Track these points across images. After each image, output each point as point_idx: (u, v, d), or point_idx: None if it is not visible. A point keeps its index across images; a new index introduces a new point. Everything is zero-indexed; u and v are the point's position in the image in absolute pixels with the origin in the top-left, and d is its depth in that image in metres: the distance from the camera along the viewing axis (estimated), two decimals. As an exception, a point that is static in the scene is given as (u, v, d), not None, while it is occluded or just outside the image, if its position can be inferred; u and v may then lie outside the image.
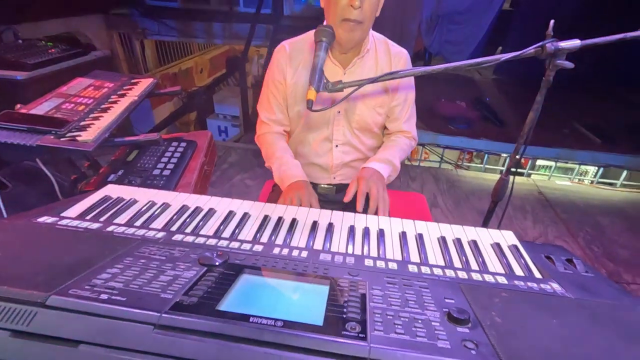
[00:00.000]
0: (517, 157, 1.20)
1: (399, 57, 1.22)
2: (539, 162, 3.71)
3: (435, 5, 4.33)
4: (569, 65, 0.98)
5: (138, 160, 1.46)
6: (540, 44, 0.97)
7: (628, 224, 2.92)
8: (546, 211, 2.98)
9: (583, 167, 3.63)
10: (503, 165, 3.85)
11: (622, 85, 4.83)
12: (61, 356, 0.42)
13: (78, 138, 1.11)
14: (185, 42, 7.50)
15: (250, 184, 3.08)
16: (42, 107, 1.23)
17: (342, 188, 1.38)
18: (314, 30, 1.17)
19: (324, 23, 1.14)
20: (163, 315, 0.45)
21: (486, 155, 3.44)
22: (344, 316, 0.48)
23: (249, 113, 5.35)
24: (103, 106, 1.37)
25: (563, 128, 3.61)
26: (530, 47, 0.98)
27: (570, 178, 3.54)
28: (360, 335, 0.44)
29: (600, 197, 3.32)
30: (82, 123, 1.22)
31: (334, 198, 1.40)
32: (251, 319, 0.45)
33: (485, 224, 1.37)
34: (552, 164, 3.52)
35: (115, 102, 1.40)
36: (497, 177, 3.59)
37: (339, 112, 1.23)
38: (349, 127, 1.26)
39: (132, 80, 1.66)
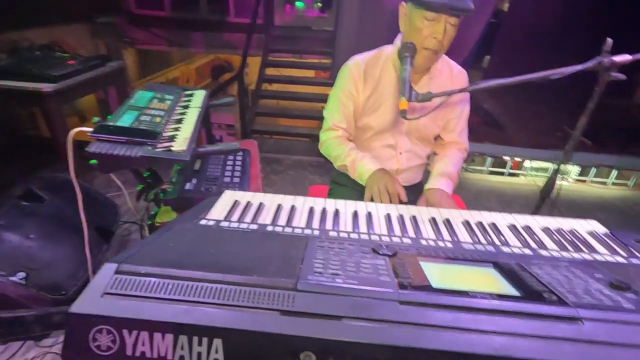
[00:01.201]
0: (567, 160, 1.37)
1: (461, 75, 1.35)
2: (534, 164, 3.94)
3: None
4: (622, 77, 1.14)
5: (205, 168, 1.53)
6: (598, 59, 1.12)
7: (622, 218, 3.17)
8: (550, 208, 3.19)
9: (567, 167, 3.89)
10: (492, 166, 4.01)
11: (609, 92, 5.21)
12: (330, 327, 0.49)
13: (172, 149, 1.17)
14: (167, 52, 7.45)
15: (269, 192, 3.14)
16: (124, 120, 1.28)
17: None
18: (384, 47, 1.29)
19: (397, 41, 1.25)
20: (400, 291, 0.54)
21: (489, 158, 3.66)
22: (532, 289, 0.58)
23: (246, 119, 5.40)
24: (174, 117, 1.42)
25: (556, 132, 3.88)
26: (589, 62, 1.12)
27: (566, 177, 3.79)
28: (560, 300, 0.54)
29: (594, 195, 3.58)
30: (166, 134, 1.27)
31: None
32: (469, 293, 0.55)
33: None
34: (548, 165, 3.76)
35: (184, 114, 1.46)
36: (498, 178, 3.82)
37: (404, 123, 1.34)
38: (410, 137, 1.38)
39: (186, 92, 1.72)
